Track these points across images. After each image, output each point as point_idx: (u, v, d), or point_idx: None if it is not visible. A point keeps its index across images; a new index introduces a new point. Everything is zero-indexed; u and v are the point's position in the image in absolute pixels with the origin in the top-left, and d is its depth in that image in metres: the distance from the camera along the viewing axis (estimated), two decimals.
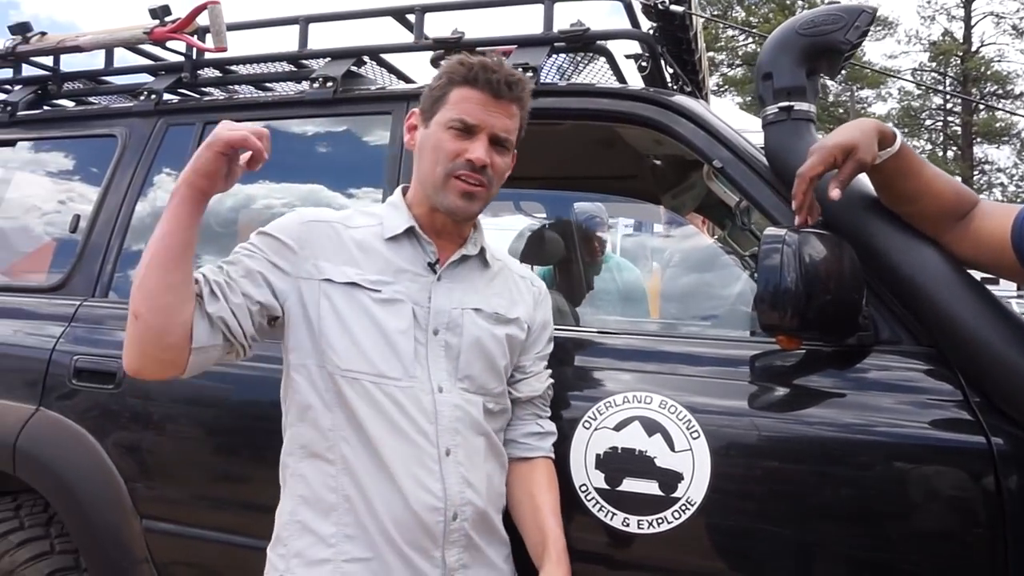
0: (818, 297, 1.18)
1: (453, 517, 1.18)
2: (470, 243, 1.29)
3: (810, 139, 1.40)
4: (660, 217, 3.30)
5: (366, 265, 1.21)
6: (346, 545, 1.16)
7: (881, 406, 1.26)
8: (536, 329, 1.35)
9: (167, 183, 1.98)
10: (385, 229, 1.25)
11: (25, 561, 1.76)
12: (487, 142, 1.20)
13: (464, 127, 1.19)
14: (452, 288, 1.25)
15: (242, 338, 1.15)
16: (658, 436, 1.32)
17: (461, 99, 1.20)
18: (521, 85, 1.22)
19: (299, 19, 1.99)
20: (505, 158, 1.24)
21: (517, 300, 1.33)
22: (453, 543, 1.18)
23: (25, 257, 2.26)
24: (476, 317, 1.25)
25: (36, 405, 1.78)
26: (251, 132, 1.04)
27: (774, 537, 1.27)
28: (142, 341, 1.08)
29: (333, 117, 1.93)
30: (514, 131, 1.24)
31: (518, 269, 1.41)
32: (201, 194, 1.08)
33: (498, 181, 1.25)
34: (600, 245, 3.08)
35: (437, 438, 1.18)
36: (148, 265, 1.07)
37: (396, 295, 1.20)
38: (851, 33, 1.39)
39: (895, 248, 1.29)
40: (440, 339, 1.22)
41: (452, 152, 1.19)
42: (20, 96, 2.29)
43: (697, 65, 2.06)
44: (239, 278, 1.15)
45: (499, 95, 1.19)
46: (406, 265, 1.23)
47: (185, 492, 1.68)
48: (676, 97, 1.62)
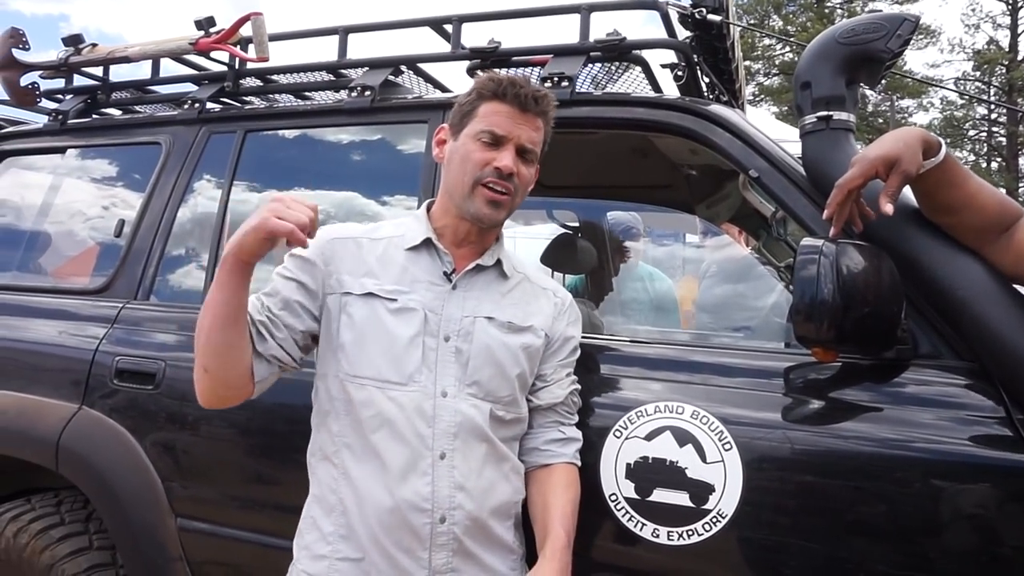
0: (856, 309, 1.16)
1: (441, 520, 1.21)
2: (487, 255, 1.33)
3: (849, 149, 1.38)
4: (693, 227, 3.27)
5: (384, 276, 1.28)
6: (340, 544, 1.23)
7: (919, 421, 1.24)
8: (557, 338, 1.36)
9: (208, 189, 2.03)
10: (406, 240, 1.32)
11: (65, 556, 1.80)
12: (514, 152, 1.26)
13: (493, 138, 1.25)
14: (466, 297, 1.29)
15: (292, 362, 1.28)
16: (689, 447, 1.30)
17: (490, 112, 1.26)
18: (547, 100, 1.29)
19: (338, 29, 2.02)
20: (530, 169, 1.30)
21: (534, 310, 1.35)
22: (441, 546, 1.21)
23: (70, 260, 2.33)
24: (487, 325, 1.28)
25: (79, 404, 1.83)
26: (297, 223, 1.08)
27: (806, 553, 1.25)
28: (214, 388, 1.23)
29: (370, 125, 1.95)
30: (539, 143, 1.30)
31: (542, 281, 1.42)
32: (247, 266, 1.16)
33: (523, 191, 1.30)
34: (627, 254, 3.08)
35: (433, 441, 1.22)
36: (210, 328, 1.17)
37: (410, 303, 1.26)
38: (892, 42, 1.36)
39: (936, 260, 1.27)
40: (451, 345, 1.26)
41: (481, 161, 1.25)
42: (71, 105, 2.37)
43: (734, 74, 2.04)
44: (279, 311, 1.26)
45: (526, 108, 1.26)
46: (423, 275, 1.29)
47: (219, 492, 1.71)
48: (712, 106, 1.61)
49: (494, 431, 1.27)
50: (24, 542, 1.82)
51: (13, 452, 1.90)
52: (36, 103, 2.46)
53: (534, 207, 3.19)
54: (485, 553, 1.26)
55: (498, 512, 1.27)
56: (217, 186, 2.01)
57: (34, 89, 2.43)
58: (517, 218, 3.56)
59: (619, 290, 3.03)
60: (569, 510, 1.29)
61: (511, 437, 1.31)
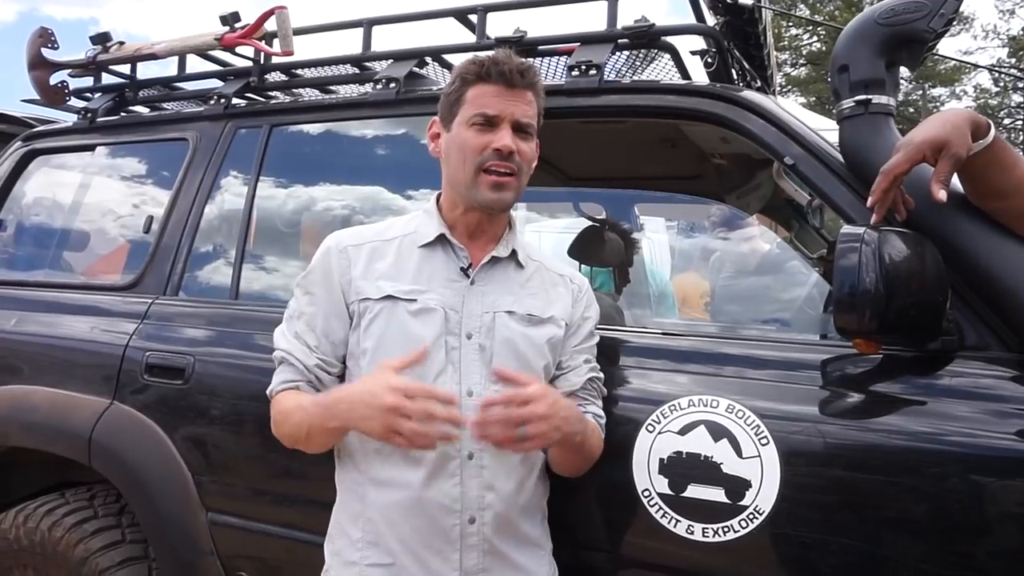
0: (899, 299, 1.12)
1: (470, 521, 1.19)
2: (502, 245, 1.30)
3: (889, 134, 1.33)
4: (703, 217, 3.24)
5: (400, 276, 1.26)
6: (369, 551, 1.22)
7: (965, 416, 1.19)
8: (574, 324, 1.34)
9: (235, 185, 2.03)
10: (419, 237, 1.29)
11: (98, 549, 1.82)
12: (511, 130, 1.22)
13: (486, 120, 1.22)
14: (485, 291, 1.27)
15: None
16: (724, 441, 1.27)
17: (478, 95, 1.23)
18: (532, 72, 1.25)
19: (363, 22, 2.01)
20: (530, 144, 1.26)
21: (553, 299, 1.32)
22: (471, 547, 1.20)
23: (101, 259, 2.35)
24: (508, 320, 1.26)
25: (110, 399, 1.84)
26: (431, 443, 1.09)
27: (847, 551, 1.21)
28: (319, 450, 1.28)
29: (395, 118, 1.94)
30: (534, 116, 1.26)
31: (557, 268, 1.40)
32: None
33: (527, 168, 1.27)
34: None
35: (460, 442, 1.19)
36: (309, 439, 1.23)
37: (429, 303, 1.24)
38: (935, 21, 1.31)
39: (983, 247, 1.22)
40: (474, 343, 1.24)
41: (479, 146, 1.22)
42: (99, 103, 2.39)
43: (765, 60, 1.99)
44: (324, 347, 1.28)
45: (513, 84, 1.22)
46: (440, 271, 1.27)
47: (248, 487, 1.71)
48: (745, 92, 1.57)
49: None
50: (59, 536, 1.85)
51: (47, 447, 1.92)
52: (65, 102, 2.49)
53: (559, 199, 3.16)
54: (515, 552, 1.24)
55: (527, 509, 1.26)
56: (243, 181, 2.01)
57: (63, 88, 2.46)
58: (543, 211, 3.53)
59: (637, 282, 3.00)
60: (591, 431, 1.26)
61: None
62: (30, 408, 1.93)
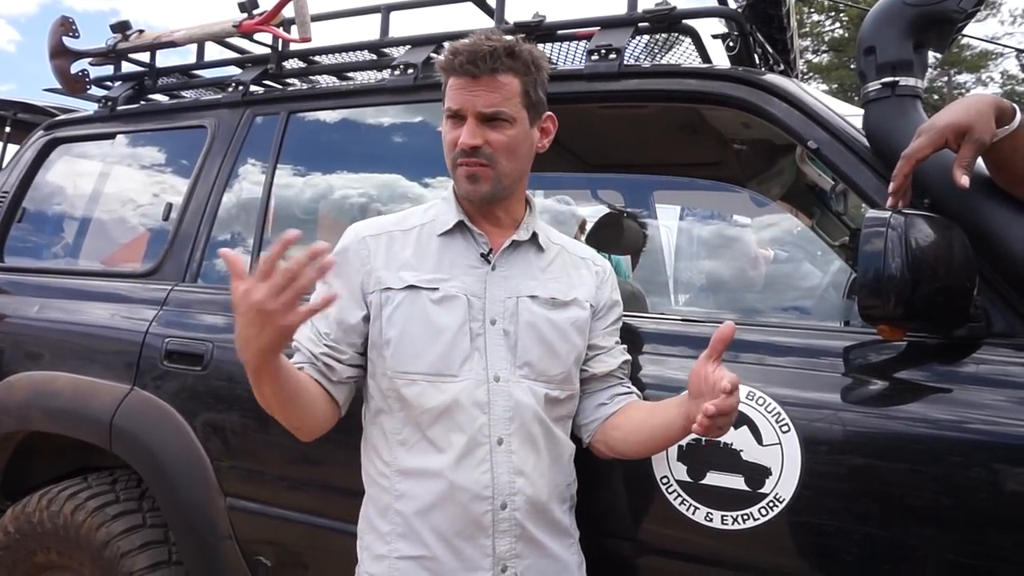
0: (926, 284, 1.09)
1: (502, 506, 1.18)
2: (522, 229, 1.29)
3: (916, 117, 1.30)
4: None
5: (421, 265, 1.25)
6: (399, 543, 1.20)
7: (992, 403, 1.16)
8: (602, 307, 1.33)
9: (253, 173, 2.04)
10: (438, 225, 1.28)
11: (120, 533, 1.84)
12: (475, 123, 1.19)
13: (453, 115, 1.21)
14: (507, 276, 1.26)
15: (364, 373, 1.29)
16: (745, 429, 1.26)
17: (450, 88, 1.22)
18: (495, 54, 1.17)
19: (380, 8, 2.00)
20: (505, 131, 1.20)
21: (576, 282, 1.31)
22: (504, 532, 1.19)
23: (122, 248, 2.37)
24: (531, 304, 1.25)
25: (131, 385, 1.86)
26: (301, 294, 1.00)
27: (869, 539, 1.19)
28: (310, 434, 1.24)
29: (413, 104, 1.93)
30: (502, 102, 1.19)
31: (579, 251, 1.38)
32: (269, 363, 1.07)
33: (506, 156, 1.21)
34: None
35: (490, 428, 1.19)
36: (279, 411, 1.17)
37: (452, 290, 1.23)
38: (965, 2, 1.28)
39: (1012, 233, 1.19)
40: (498, 328, 1.23)
41: (451, 142, 1.22)
42: (119, 92, 2.40)
43: (788, 43, 1.96)
44: (335, 334, 1.24)
45: (476, 74, 1.17)
46: (460, 259, 1.26)
47: (266, 472, 1.72)
48: (768, 76, 1.54)
49: (548, 412, 1.24)
50: (81, 519, 1.87)
51: (69, 432, 1.94)
52: (86, 90, 2.51)
53: (577, 185, 3.13)
54: (546, 537, 1.23)
55: (556, 494, 1.25)
56: (261, 169, 2.02)
57: (84, 76, 2.48)
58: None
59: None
60: None
61: (565, 415, 1.29)
62: (52, 394, 1.95)
